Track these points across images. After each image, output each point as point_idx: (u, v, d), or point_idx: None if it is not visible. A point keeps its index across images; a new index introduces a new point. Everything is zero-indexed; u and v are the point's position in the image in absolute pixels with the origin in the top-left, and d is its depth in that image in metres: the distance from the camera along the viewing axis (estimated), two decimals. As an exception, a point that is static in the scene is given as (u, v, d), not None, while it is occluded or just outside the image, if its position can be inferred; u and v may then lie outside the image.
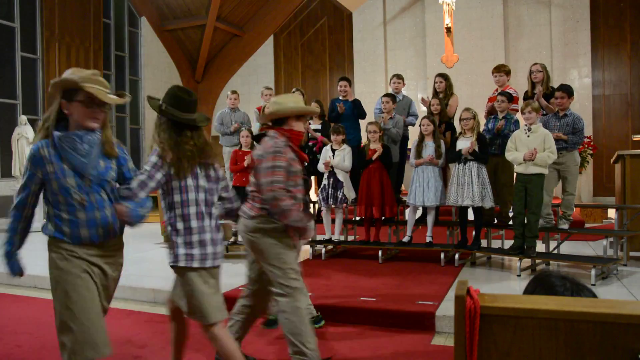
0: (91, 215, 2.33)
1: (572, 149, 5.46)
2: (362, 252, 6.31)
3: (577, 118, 5.44)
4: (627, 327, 1.16)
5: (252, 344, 3.48)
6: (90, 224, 2.33)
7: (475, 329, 1.23)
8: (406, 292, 4.42)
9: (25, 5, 11.30)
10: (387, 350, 3.45)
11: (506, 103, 5.55)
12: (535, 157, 4.77)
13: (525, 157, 4.80)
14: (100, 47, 12.85)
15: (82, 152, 2.31)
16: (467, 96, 10.51)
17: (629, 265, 5.41)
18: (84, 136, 2.32)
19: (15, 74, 11.16)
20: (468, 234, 5.52)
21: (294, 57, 14.66)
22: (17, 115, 10.83)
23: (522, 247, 5.05)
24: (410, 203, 5.63)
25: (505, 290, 4.50)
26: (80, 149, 2.31)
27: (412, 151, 5.66)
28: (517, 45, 12.23)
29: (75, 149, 2.29)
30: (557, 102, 5.44)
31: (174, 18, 14.38)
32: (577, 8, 11.70)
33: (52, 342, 3.71)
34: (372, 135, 5.71)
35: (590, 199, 11.53)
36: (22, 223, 2.43)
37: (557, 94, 5.45)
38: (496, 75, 6.07)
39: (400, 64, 13.41)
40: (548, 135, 4.90)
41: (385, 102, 6.11)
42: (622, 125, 11.47)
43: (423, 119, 5.64)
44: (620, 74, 11.53)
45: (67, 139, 2.29)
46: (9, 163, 9.94)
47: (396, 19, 13.48)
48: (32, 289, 5.42)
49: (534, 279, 1.53)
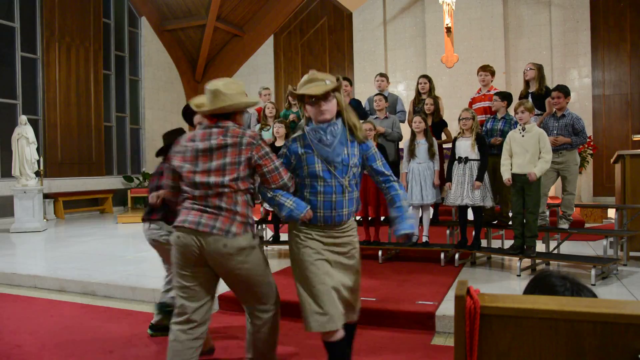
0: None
1: (572, 149, 5.47)
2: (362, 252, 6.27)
3: (576, 118, 5.45)
4: (627, 327, 1.16)
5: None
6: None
7: (475, 329, 1.23)
8: (406, 292, 4.42)
9: (25, 5, 11.31)
10: (387, 350, 3.45)
11: (499, 102, 5.58)
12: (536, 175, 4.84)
13: (531, 179, 4.86)
14: (100, 47, 12.85)
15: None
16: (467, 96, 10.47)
17: (629, 265, 5.41)
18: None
19: (15, 74, 11.17)
20: (468, 234, 5.53)
21: (294, 57, 14.67)
22: (17, 115, 10.84)
23: (522, 247, 5.05)
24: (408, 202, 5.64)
25: (505, 290, 4.50)
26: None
27: (405, 150, 5.67)
28: (517, 45, 12.23)
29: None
30: (554, 102, 5.45)
31: (174, 18, 14.39)
32: (577, 8, 11.70)
33: (52, 342, 3.71)
34: (368, 133, 5.71)
35: (590, 199, 11.53)
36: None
37: (554, 94, 5.46)
38: (481, 74, 6.12)
39: (400, 64, 13.42)
40: (542, 134, 4.91)
41: (378, 100, 6.10)
42: (622, 125, 11.48)
43: (415, 117, 5.66)
44: (620, 74, 11.54)
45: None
46: (9, 163, 9.94)
47: (396, 18, 13.48)
48: (32, 289, 5.42)
49: (534, 279, 1.53)
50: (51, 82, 11.72)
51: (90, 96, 12.63)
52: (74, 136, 12.26)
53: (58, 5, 11.75)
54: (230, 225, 2.45)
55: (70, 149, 12.15)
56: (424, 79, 6.32)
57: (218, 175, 2.44)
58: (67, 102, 12.09)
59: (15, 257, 6.95)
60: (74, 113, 12.25)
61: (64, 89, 12.01)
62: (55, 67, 11.78)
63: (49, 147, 11.68)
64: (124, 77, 13.99)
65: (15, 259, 6.75)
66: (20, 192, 9.44)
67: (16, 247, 7.75)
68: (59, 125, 11.90)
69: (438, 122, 6.12)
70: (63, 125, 12.00)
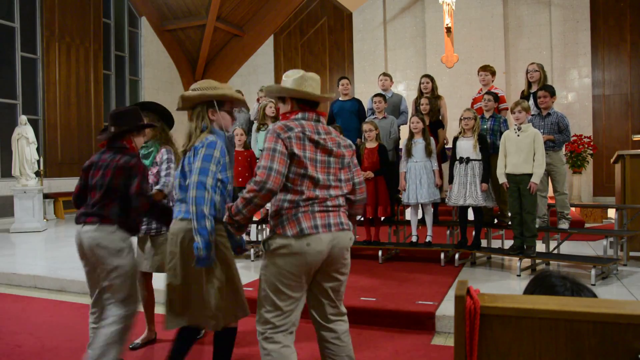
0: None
1: (558, 149, 5.49)
2: (362, 252, 6.31)
3: (561, 117, 5.47)
4: (627, 327, 1.16)
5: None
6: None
7: (475, 329, 1.23)
8: (406, 292, 4.42)
9: (25, 5, 11.30)
10: (387, 350, 3.45)
11: (492, 102, 5.61)
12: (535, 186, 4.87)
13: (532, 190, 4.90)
14: (100, 47, 12.85)
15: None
16: (467, 96, 10.49)
17: (629, 265, 5.41)
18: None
19: (15, 74, 11.16)
20: (468, 234, 5.53)
21: (294, 57, 14.66)
22: (17, 115, 10.83)
23: (522, 247, 5.05)
24: (405, 202, 5.66)
25: (505, 290, 4.50)
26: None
27: (403, 150, 5.69)
28: (517, 45, 12.23)
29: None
30: (540, 101, 5.47)
31: (174, 18, 14.38)
32: (577, 8, 11.70)
33: (52, 342, 3.71)
34: (368, 134, 5.72)
35: (590, 199, 11.53)
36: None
37: (540, 93, 5.48)
38: (482, 74, 6.16)
39: (400, 64, 13.42)
40: (538, 134, 4.92)
41: (378, 102, 6.12)
42: (622, 125, 11.48)
43: (412, 117, 5.68)
44: (620, 74, 11.53)
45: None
46: (9, 163, 9.94)
47: (396, 18, 13.48)
48: (32, 289, 5.42)
49: (533, 279, 1.53)
50: (51, 82, 11.72)
51: (90, 96, 12.62)
52: (74, 136, 12.25)
53: (58, 5, 11.75)
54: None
55: (70, 149, 12.15)
56: (426, 79, 6.32)
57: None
58: (67, 102, 12.09)
59: (15, 257, 6.95)
60: (74, 113, 12.24)
61: (64, 89, 12.00)
62: (55, 67, 11.78)
63: (49, 147, 11.68)
64: (124, 77, 13.99)
65: (15, 259, 6.75)
66: (20, 192, 9.44)
67: (16, 247, 7.76)
68: (59, 125, 11.90)
69: (435, 122, 6.12)
70: (63, 125, 12.00)
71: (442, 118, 6.29)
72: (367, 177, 5.61)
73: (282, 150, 2.27)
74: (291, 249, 2.28)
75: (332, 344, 2.47)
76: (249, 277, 5.00)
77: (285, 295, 2.31)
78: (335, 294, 2.46)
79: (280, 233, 2.31)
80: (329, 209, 2.37)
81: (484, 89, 6.12)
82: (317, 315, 2.47)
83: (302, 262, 2.29)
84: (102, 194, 2.85)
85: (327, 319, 2.46)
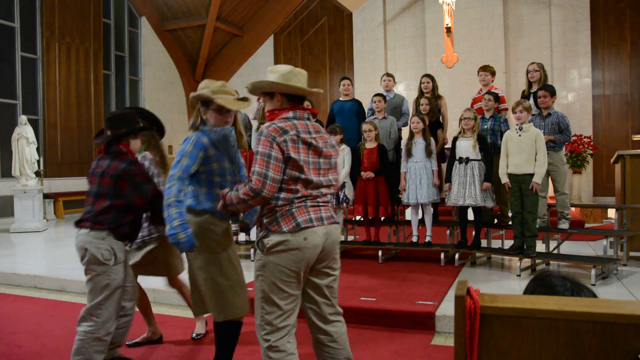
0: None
1: (558, 149, 5.48)
2: (362, 252, 6.31)
3: (561, 116, 5.47)
4: (627, 327, 1.16)
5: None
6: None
7: (475, 329, 1.23)
8: (406, 292, 4.42)
9: (25, 5, 11.30)
10: (387, 350, 3.45)
11: (492, 102, 5.61)
12: (537, 186, 4.88)
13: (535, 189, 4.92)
14: (100, 47, 12.85)
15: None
16: (468, 96, 10.48)
17: (629, 265, 5.41)
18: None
19: (15, 74, 11.17)
20: (468, 234, 5.53)
21: (294, 57, 14.66)
22: (17, 115, 10.83)
23: (522, 247, 5.05)
24: (405, 202, 5.67)
25: (505, 290, 4.50)
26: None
27: (403, 150, 5.69)
28: (517, 45, 12.23)
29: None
30: (540, 101, 5.46)
31: (174, 18, 14.39)
32: (577, 8, 11.71)
33: (52, 342, 3.71)
34: (368, 134, 5.72)
35: (590, 199, 11.53)
36: None
37: (540, 93, 5.48)
38: (482, 74, 6.16)
39: (400, 64, 13.42)
40: (539, 134, 4.92)
41: (377, 102, 6.12)
42: (622, 125, 11.48)
43: (413, 117, 5.69)
44: (620, 74, 11.53)
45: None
46: (9, 163, 9.94)
47: (396, 18, 13.48)
48: (32, 289, 5.42)
49: (534, 279, 1.53)
50: (51, 82, 11.72)
51: (90, 96, 12.62)
52: (74, 136, 12.26)
53: (58, 6, 11.75)
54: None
55: (70, 149, 12.15)
56: (426, 79, 6.33)
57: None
58: (67, 102, 12.09)
59: (15, 257, 6.95)
60: (74, 113, 12.24)
61: (64, 89, 12.00)
62: (55, 67, 11.78)
63: (49, 147, 11.68)
64: (124, 77, 13.99)
65: (15, 259, 6.75)
66: (20, 192, 9.44)
67: (16, 247, 7.76)
68: (59, 125, 11.90)
69: (434, 123, 6.12)
70: (63, 125, 12.00)
71: (442, 118, 6.30)
72: (367, 177, 5.60)
73: (277, 156, 2.26)
74: (289, 245, 2.27)
75: (330, 347, 2.43)
76: (249, 277, 4.99)
77: (286, 293, 2.29)
78: (329, 291, 2.43)
79: (275, 230, 2.29)
80: (320, 204, 2.39)
81: (484, 89, 6.12)
82: (315, 316, 2.42)
83: (301, 257, 2.28)
84: (96, 201, 2.88)
85: (325, 319, 2.43)
